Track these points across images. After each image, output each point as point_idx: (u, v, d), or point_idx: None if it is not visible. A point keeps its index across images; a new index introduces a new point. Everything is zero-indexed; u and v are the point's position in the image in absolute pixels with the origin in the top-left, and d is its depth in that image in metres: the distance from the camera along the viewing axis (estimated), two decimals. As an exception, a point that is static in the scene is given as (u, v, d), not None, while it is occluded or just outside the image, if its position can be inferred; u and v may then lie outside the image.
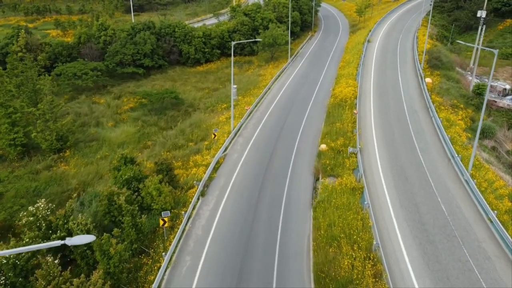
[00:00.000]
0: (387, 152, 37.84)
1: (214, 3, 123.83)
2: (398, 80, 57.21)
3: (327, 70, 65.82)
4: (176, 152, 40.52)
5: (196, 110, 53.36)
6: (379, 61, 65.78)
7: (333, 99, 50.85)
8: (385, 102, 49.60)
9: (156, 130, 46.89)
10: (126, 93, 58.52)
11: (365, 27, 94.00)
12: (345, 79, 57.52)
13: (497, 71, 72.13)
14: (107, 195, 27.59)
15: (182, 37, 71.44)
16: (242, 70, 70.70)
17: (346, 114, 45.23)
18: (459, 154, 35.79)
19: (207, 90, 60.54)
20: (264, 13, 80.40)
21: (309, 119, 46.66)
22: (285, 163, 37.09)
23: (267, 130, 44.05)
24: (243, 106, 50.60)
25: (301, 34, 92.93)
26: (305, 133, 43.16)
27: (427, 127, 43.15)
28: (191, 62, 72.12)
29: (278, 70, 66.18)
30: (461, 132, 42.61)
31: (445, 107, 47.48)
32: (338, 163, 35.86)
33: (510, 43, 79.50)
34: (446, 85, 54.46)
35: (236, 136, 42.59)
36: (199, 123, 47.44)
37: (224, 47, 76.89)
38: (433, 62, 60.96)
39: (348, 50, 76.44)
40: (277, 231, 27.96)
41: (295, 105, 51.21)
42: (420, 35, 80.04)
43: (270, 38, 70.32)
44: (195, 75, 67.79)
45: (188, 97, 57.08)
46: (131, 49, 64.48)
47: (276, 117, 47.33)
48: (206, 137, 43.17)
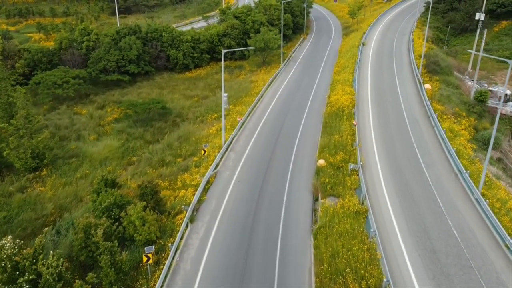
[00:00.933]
0: (390, 168, 35.27)
1: (203, 5, 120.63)
2: (396, 86, 54.83)
3: (322, 76, 63.23)
4: (163, 169, 37.46)
5: (184, 121, 50.29)
6: (375, 66, 63.38)
7: (329, 108, 48.22)
8: (384, 111, 47.12)
9: (142, 144, 43.73)
10: (110, 102, 55.17)
11: (358, 29, 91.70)
12: (341, 86, 54.97)
13: (494, 75, 70.34)
14: (83, 227, 24.52)
15: (169, 42, 68.26)
16: (233, 76, 67.78)
17: (344, 125, 42.61)
18: (467, 170, 33.36)
19: (196, 98, 57.47)
20: (255, 16, 77.59)
21: (305, 130, 43.97)
22: (281, 181, 34.32)
23: (260, 143, 41.23)
24: (235, 116, 47.71)
25: (293, 37, 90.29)
26: (301, 146, 40.44)
27: (430, 138, 40.74)
28: (180, 68, 68.98)
29: (271, 75, 63.42)
30: (466, 144, 40.30)
31: (448, 116, 45.15)
32: (339, 181, 33.20)
33: (507, 45, 77.80)
34: (447, 91, 52.20)
35: (228, 150, 39.70)
36: (187, 135, 44.41)
37: (214, 52, 73.88)
38: (431, 67, 58.72)
39: (342, 54, 74.00)
40: (275, 264, 25.15)
41: (290, 114, 48.47)
42: (415, 37, 77.93)
43: (262, 42, 67.52)
44: (184, 82, 64.67)
45: (176, 106, 53.96)
46: (115, 55, 61.12)
47: (269, 128, 44.54)
48: (195, 152, 40.17)
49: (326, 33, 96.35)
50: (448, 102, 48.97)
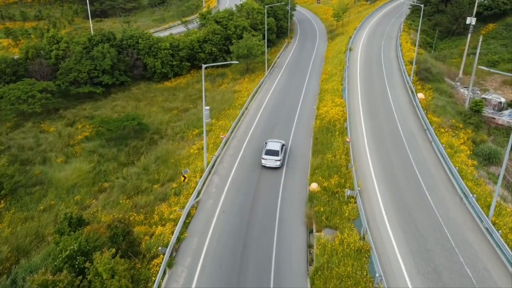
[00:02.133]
0: (389, 193, 32.13)
1: (183, 8, 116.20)
2: (387, 96, 51.99)
3: (309, 84, 60.01)
4: (138, 198, 33.47)
5: (163, 137, 46.29)
6: (365, 73, 60.51)
7: (319, 122, 44.94)
8: (377, 124, 44.11)
9: (115, 167, 39.59)
10: (82, 118, 50.68)
11: (343, 33, 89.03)
12: (330, 96, 51.81)
13: (485, 80, 68.47)
14: (37, 287, 20.46)
15: (146, 49, 63.98)
16: (215, 85, 63.98)
17: (337, 142, 39.36)
18: (473, 194, 30.47)
19: (176, 111, 53.46)
20: (237, 21, 73.91)
21: (294, 147, 40.57)
22: (271, 211, 30.79)
23: (246, 164, 37.59)
24: (218, 133, 43.96)
25: (277, 41, 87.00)
26: (291, 167, 36.98)
27: (429, 155, 37.85)
28: (158, 77, 64.78)
29: (255, 84, 59.87)
30: (467, 160, 37.54)
31: (445, 129, 42.41)
32: (334, 210, 29.84)
33: (495, 49, 76.20)
34: (441, 101, 49.62)
35: (211, 174, 35.93)
36: (166, 156, 40.46)
37: (194, 59, 69.92)
38: (423, 74, 56.15)
39: (328, 60, 71.01)
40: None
41: (277, 129, 45.00)
42: (403, 41, 75.58)
43: (245, 49, 63.90)
44: (162, 92, 60.53)
45: (154, 121, 49.89)
46: (87, 65, 56.54)
47: (256, 146, 40.94)
48: (174, 176, 36.28)
49: (310, 36, 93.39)
50: (444, 113, 46.32)
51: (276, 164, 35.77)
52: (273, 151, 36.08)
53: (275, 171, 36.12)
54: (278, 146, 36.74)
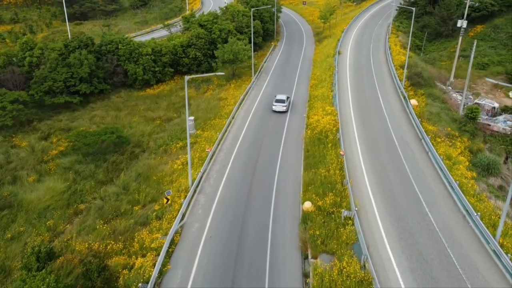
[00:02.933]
0: (388, 211, 30.04)
1: (166, 10, 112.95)
2: (379, 102, 50.11)
3: (297, 90, 57.82)
4: (117, 222, 30.65)
5: (145, 151, 43.50)
6: (355, 79, 58.61)
7: (310, 132, 42.71)
8: (371, 134, 42.09)
9: (93, 185, 36.64)
10: (57, 130, 47.43)
11: (331, 35, 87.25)
12: (320, 103, 49.67)
13: (476, 84, 67.32)
14: None
15: (127, 55, 60.88)
16: (200, 92, 61.29)
17: (330, 155, 37.15)
18: (477, 212, 28.58)
19: (158, 121, 50.61)
20: (222, 24, 71.30)
21: (285, 161, 38.24)
22: (262, 234, 28.36)
23: (234, 181, 35.10)
24: (203, 145, 41.35)
25: (264, 44, 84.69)
26: (282, 183, 34.64)
27: (427, 168, 35.95)
28: (139, 84, 61.74)
29: (242, 91, 57.39)
30: (466, 172, 35.79)
31: (441, 138, 40.64)
32: (331, 233, 27.57)
33: (484, 51, 75.28)
34: (435, 107, 47.95)
35: (196, 193, 33.33)
36: (148, 172, 37.67)
37: (177, 64, 67.07)
38: (415, 79, 54.49)
39: (317, 64, 68.98)
40: None
41: (266, 140, 42.63)
42: (392, 44, 74.10)
43: (230, 54, 61.37)
44: (144, 101, 57.55)
45: (135, 133, 47.00)
46: (63, 73, 53.23)
47: (244, 160, 38.50)
48: (156, 196, 33.55)
49: (297, 39, 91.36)
50: (439, 121, 44.61)
51: (283, 109, 48.83)
52: (280, 100, 49.65)
53: (266, 187, 33.73)
54: (285, 97, 50.59)
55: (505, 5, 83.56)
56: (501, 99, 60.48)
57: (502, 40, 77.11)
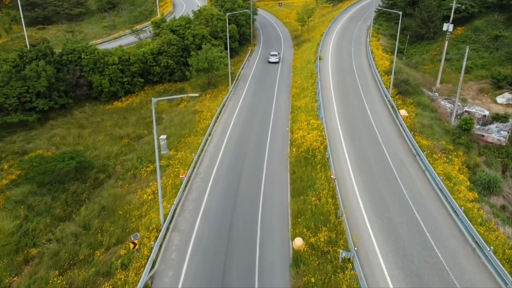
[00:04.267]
0: (390, 247, 26.42)
1: (135, 13, 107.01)
2: (367, 113, 46.73)
3: (278, 100, 53.88)
4: (75, 273, 25.78)
5: (110, 177, 38.56)
6: (339, 87, 55.15)
7: (295, 150, 38.81)
8: (361, 152, 38.53)
9: (48, 223, 31.51)
10: (10, 154, 41.82)
11: (310, 39, 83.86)
12: (304, 116, 45.88)
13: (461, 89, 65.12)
14: None
15: (91, 65, 55.40)
16: (173, 104, 56.50)
17: (319, 178, 33.32)
18: (490, 246, 25.31)
19: (127, 139, 45.63)
20: (196, 29, 66.61)
21: (269, 185, 34.18)
22: (247, 283, 24.19)
23: (213, 212, 30.78)
24: (177, 169, 36.82)
25: (240, 49, 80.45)
26: (267, 213, 30.56)
27: (426, 190, 32.61)
28: (106, 97, 56.37)
29: (218, 102, 53.00)
30: (468, 193, 32.67)
31: (438, 154, 37.49)
32: (328, 279, 23.70)
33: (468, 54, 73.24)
34: (426, 118, 44.93)
35: (169, 231, 28.83)
36: (113, 205, 32.82)
37: (148, 73, 62.00)
38: (402, 87, 51.46)
39: (297, 70, 65.28)
40: None
41: (247, 160, 38.47)
42: (374, 48, 71.34)
43: (205, 62, 56.86)
44: (112, 115, 52.32)
45: (100, 154, 41.92)
46: (17, 88, 47.45)
47: (223, 186, 34.23)
48: (122, 237, 28.83)
49: (275, 43, 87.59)
50: (432, 134, 41.53)
51: (276, 60, 70.66)
52: (274, 54, 71.78)
53: (250, 220, 29.55)
54: (276, 52, 72.56)
55: (484, 6, 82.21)
56: (489, 104, 58.30)
57: (484, 42, 75.51)
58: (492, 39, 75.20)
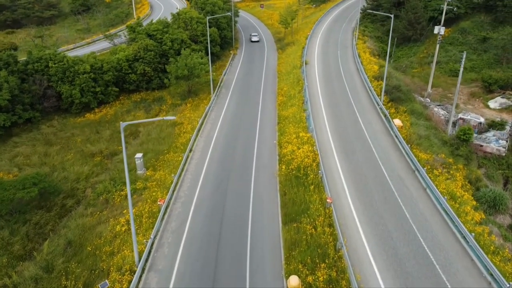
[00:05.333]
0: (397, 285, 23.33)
1: (111, 16, 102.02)
2: (359, 123, 43.81)
3: (264, 109, 50.52)
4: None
5: (79, 203, 34.49)
6: (327, 94, 52.16)
7: (285, 167, 35.46)
8: (357, 168, 35.47)
9: (5, 263, 27.35)
10: (-35, 178, 37.23)
11: (294, 42, 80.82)
12: (293, 127, 42.63)
13: (451, 93, 63.09)
14: None
15: (60, 75, 50.92)
16: (151, 115, 52.49)
17: (314, 202, 30.07)
18: (509, 282, 22.49)
19: (99, 157, 41.55)
20: (174, 33, 62.68)
21: (258, 209, 30.78)
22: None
23: (196, 246, 27.18)
24: (154, 194, 33.02)
25: (222, 53, 76.79)
26: (257, 245, 27.13)
27: (429, 212, 29.73)
28: (77, 108, 51.97)
29: (200, 113, 49.32)
30: (473, 213, 29.98)
31: (438, 170, 34.75)
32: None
33: (455, 56, 71.58)
34: (422, 128, 42.27)
35: (145, 271, 25.10)
36: (81, 239, 28.86)
37: (123, 82, 57.82)
38: (394, 94, 48.79)
39: (283, 76, 62.07)
40: None
41: (232, 179, 34.97)
42: (360, 51, 68.77)
43: (185, 69, 53.08)
44: (83, 129, 48.01)
45: (68, 176, 37.74)
46: (-25, 102, 42.82)
47: (207, 212, 30.66)
48: (91, 281, 24.89)
49: (258, 46, 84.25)
50: (430, 146, 38.84)
51: (257, 39, 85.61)
52: (255, 35, 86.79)
53: (237, 257, 26.06)
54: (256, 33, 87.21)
55: (469, 7, 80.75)
56: (481, 110, 56.31)
57: (471, 44, 73.88)
58: (480, 40, 73.64)
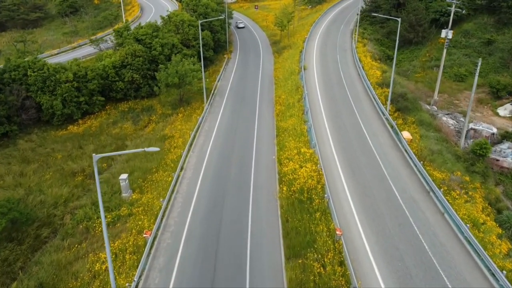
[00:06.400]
0: None
1: (99, 18, 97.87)
2: (365, 136, 40.43)
3: (261, 119, 47.01)
4: None
5: (56, 232, 30.70)
6: (328, 103, 48.76)
7: (286, 188, 31.96)
8: (366, 189, 32.04)
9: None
10: None
11: (291, 45, 77.35)
12: (293, 142, 39.14)
13: (458, 99, 60.06)
14: None
15: (39, 84, 47.02)
16: (139, 126, 48.77)
17: (320, 233, 26.57)
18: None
19: (81, 176, 37.75)
20: (165, 37, 58.94)
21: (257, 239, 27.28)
22: None
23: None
24: (140, 222, 29.36)
25: (215, 58, 73.15)
26: (257, 286, 23.60)
27: (450, 242, 26.43)
28: (59, 120, 48.08)
29: (192, 124, 45.71)
30: (501, 244, 26.69)
31: (456, 191, 31.42)
32: None
33: (459, 60, 68.55)
34: (433, 142, 38.96)
35: (127, 323, 21.50)
36: (55, 280, 25.11)
37: (110, 90, 54.01)
38: (401, 103, 45.45)
39: (280, 83, 58.55)
40: None
41: (228, 203, 31.41)
42: (361, 55, 65.48)
43: (175, 76, 49.42)
44: (65, 144, 44.12)
45: (46, 199, 33.92)
46: None
47: (199, 244, 27.07)
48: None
49: (253, 49, 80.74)
50: (444, 163, 35.50)
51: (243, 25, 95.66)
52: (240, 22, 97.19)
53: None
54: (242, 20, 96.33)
55: (472, 9, 77.75)
56: (490, 118, 53.31)
57: (475, 47, 70.87)
58: (484, 43, 70.64)
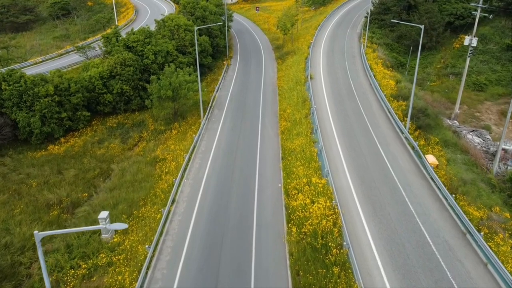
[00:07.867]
0: None
1: (91, 21, 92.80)
2: (384, 161, 35.29)
3: (264, 137, 41.97)
4: None
5: (20, 286, 25.60)
6: (340, 119, 43.64)
7: (295, 230, 26.89)
8: (391, 231, 26.93)
9: None
10: None
11: (295, 51, 72.22)
12: (302, 168, 34.01)
13: (480, 112, 54.96)
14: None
15: (15, 99, 41.93)
16: (127, 145, 43.69)
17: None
18: None
19: (57, 210, 32.63)
20: (158, 43, 53.85)
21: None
22: None
23: None
24: (120, 276, 24.25)
25: (214, 65, 68.05)
26: None
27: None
28: (38, 139, 43.00)
29: (187, 143, 40.75)
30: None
31: (499, 234, 26.32)
32: None
33: (476, 67, 63.51)
34: (463, 167, 33.84)
35: None
36: None
37: (97, 103, 48.98)
38: (422, 120, 40.36)
39: (284, 94, 53.39)
40: None
41: (226, 247, 26.34)
42: (372, 62, 60.34)
43: (168, 89, 44.38)
44: (42, 168, 39.01)
45: (12, 242, 28.80)
46: None
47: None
48: None
49: (254, 54, 75.67)
50: (478, 195, 30.38)
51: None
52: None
53: None
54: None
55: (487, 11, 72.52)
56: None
57: (494, 53, 65.89)
58: (503, 49, 65.59)
